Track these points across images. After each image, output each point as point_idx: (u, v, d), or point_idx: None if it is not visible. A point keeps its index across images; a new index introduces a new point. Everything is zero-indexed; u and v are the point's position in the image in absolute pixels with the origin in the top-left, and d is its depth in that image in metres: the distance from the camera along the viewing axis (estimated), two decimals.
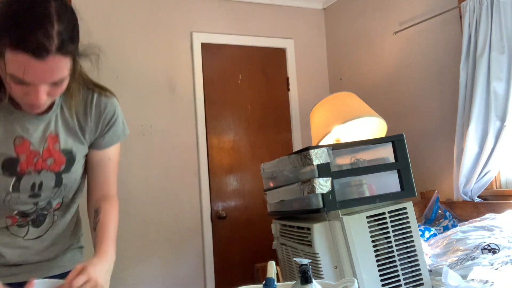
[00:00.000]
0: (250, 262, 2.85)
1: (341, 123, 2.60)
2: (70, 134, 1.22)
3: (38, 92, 1.00)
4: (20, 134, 1.14)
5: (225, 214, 3.35)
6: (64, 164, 1.21)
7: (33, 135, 1.16)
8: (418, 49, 2.99)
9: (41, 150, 1.17)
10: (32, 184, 1.18)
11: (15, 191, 1.17)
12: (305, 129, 3.63)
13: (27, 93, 1.01)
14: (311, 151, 1.33)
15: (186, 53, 3.34)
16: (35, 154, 1.16)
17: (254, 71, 3.57)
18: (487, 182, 2.50)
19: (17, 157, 1.14)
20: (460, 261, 1.63)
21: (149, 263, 3.09)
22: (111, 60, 3.12)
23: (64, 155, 1.21)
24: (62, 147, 1.20)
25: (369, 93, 3.31)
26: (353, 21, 3.56)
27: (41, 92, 1.00)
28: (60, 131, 1.20)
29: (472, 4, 2.49)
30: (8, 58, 0.94)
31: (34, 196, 1.20)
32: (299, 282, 0.97)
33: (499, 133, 2.39)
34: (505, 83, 2.38)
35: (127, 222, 3.03)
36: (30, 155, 1.16)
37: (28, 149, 1.15)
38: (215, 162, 3.37)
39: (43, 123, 1.17)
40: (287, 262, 1.59)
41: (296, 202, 1.47)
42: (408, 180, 1.41)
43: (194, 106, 3.32)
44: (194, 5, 3.39)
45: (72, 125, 1.22)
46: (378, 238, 1.34)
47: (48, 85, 1.01)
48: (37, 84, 0.99)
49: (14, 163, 1.14)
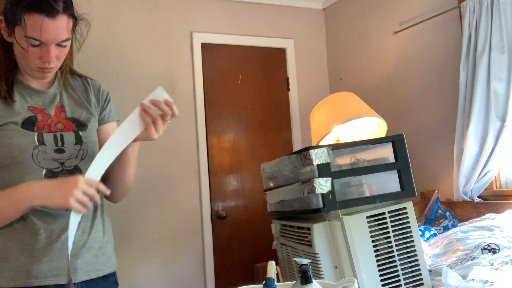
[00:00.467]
0: (250, 262, 2.85)
1: (341, 123, 2.60)
2: (77, 105, 1.40)
3: (50, 51, 1.22)
4: (31, 104, 1.32)
5: (225, 214, 3.35)
6: (75, 128, 1.36)
7: (42, 105, 1.33)
8: (418, 49, 2.99)
9: (52, 114, 1.34)
10: (54, 137, 1.30)
11: (40, 143, 1.27)
12: (305, 129, 3.62)
13: (41, 55, 1.23)
14: (311, 151, 1.33)
15: (186, 53, 3.34)
16: (48, 116, 1.33)
17: (254, 71, 3.57)
18: (487, 182, 2.50)
19: (34, 115, 1.30)
20: (460, 261, 1.63)
21: (149, 263, 3.09)
22: (111, 60, 3.13)
23: (72, 122, 1.36)
24: (68, 116, 1.36)
25: (369, 93, 3.31)
26: (353, 21, 3.56)
27: (52, 51, 1.23)
28: (65, 103, 1.38)
29: (472, 4, 2.49)
30: (26, 21, 1.17)
31: (59, 151, 1.30)
32: (299, 282, 0.97)
33: (499, 133, 2.38)
34: (505, 83, 2.38)
35: (127, 222, 3.03)
36: (45, 116, 1.32)
37: (42, 111, 1.33)
38: (215, 162, 3.37)
39: (49, 96, 1.36)
40: (287, 262, 1.59)
41: (296, 202, 1.47)
42: (408, 180, 1.41)
43: (194, 106, 3.32)
44: (194, 5, 3.39)
45: (77, 98, 1.41)
46: (378, 238, 1.34)
47: (56, 46, 1.23)
48: (49, 44, 1.21)
49: (33, 121, 1.29)
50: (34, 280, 1.23)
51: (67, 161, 1.31)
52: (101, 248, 1.37)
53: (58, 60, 1.28)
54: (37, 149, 1.26)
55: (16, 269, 1.23)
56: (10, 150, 1.24)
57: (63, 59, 1.30)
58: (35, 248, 1.25)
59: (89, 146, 1.36)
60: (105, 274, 1.37)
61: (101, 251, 1.37)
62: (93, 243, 1.35)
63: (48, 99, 1.35)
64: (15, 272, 1.22)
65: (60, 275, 1.26)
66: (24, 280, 1.22)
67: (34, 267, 1.23)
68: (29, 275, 1.23)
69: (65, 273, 1.25)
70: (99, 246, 1.37)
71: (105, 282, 1.36)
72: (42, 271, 1.24)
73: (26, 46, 1.21)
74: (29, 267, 1.23)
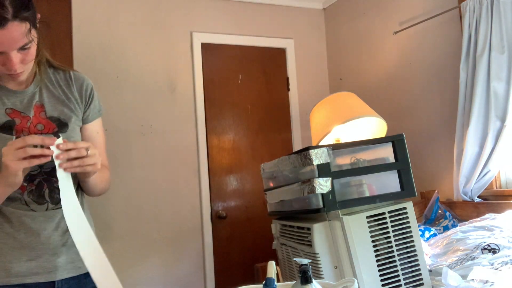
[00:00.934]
0: (250, 262, 2.85)
1: (341, 123, 2.60)
2: (58, 103, 1.35)
3: (11, 59, 1.15)
4: (8, 106, 1.28)
5: (225, 214, 3.35)
6: (56, 128, 1.32)
7: (19, 106, 1.29)
8: (418, 49, 2.99)
9: (31, 116, 1.29)
10: None
11: None
12: (305, 129, 3.63)
13: (4, 63, 1.16)
14: (311, 151, 1.33)
15: (186, 53, 3.34)
16: (27, 119, 1.29)
17: (254, 71, 3.57)
18: (487, 182, 2.50)
19: (12, 119, 1.27)
20: (460, 261, 1.63)
21: (149, 263, 3.09)
22: (111, 60, 3.13)
23: (52, 122, 1.32)
24: (48, 115, 1.32)
25: (369, 93, 3.31)
26: (353, 21, 3.56)
27: (14, 58, 1.15)
28: (45, 102, 1.33)
29: (472, 4, 2.49)
30: None
31: None
32: (299, 282, 0.97)
33: (499, 133, 2.38)
34: (505, 83, 2.38)
35: (127, 222, 3.03)
36: (23, 119, 1.28)
37: (20, 115, 1.28)
38: (215, 162, 3.37)
39: (27, 95, 1.31)
40: (287, 262, 1.59)
41: (296, 202, 1.47)
42: (408, 180, 1.41)
43: (194, 106, 3.32)
44: (194, 5, 3.39)
45: (58, 94, 1.35)
46: (378, 238, 1.34)
47: (18, 51, 1.15)
48: (7, 52, 1.13)
49: (11, 125, 1.26)
50: (14, 279, 1.25)
51: (46, 164, 1.28)
52: None
53: (24, 63, 1.21)
54: None
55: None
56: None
57: (31, 60, 1.23)
58: (14, 247, 1.26)
59: None
60: (87, 272, 1.38)
61: None
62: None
63: (26, 99, 1.30)
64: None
65: (39, 273, 1.28)
66: (3, 279, 1.24)
67: (13, 265, 1.25)
68: (9, 273, 1.25)
69: (44, 271, 1.28)
70: None
71: (87, 279, 1.36)
72: (21, 269, 1.26)
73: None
74: (8, 265, 1.25)
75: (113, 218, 2.97)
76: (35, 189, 1.28)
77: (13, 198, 1.26)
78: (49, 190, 1.30)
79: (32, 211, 1.28)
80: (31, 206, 1.28)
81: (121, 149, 3.02)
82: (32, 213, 1.28)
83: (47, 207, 1.30)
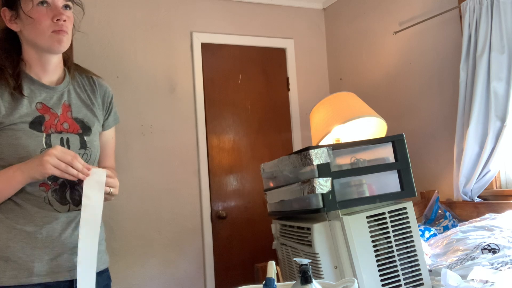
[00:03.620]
0: (250, 262, 2.85)
1: (341, 123, 2.60)
2: (84, 106, 1.41)
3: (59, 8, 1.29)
4: (39, 100, 1.33)
5: (225, 214, 3.35)
6: (80, 129, 1.37)
7: (50, 102, 1.34)
8: (418, 49, 2.99)
9: (59, 113, 1.35)
10: (61, 140, 1.32)
11: (48, 146, 1.28)
12: (305, 129, 3.63)
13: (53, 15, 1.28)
14: (311, 151, 1.33)
15: (186, 53, 3.34)
16: (55, 116, 1.34)
17: (254, 71, 3.57)
18: (487, 182, 2.50)
19: (42, 115, 1.31)
20: (460, 261, 1.63)
21: (149, 263, 3.09)
22: (111, 60, 3.13)
23: (76, 123, 1.37)
24: (74, 116, 1.37)
25: (369, 93, 3.31)
26: (353, 21, 3.56)
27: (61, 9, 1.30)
28: (72, 102, 1.39)
29: (472, 4, 2.49)
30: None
31: None
32: (299, 282, 0.97)
33: (499, 133, 2.38)
34: (505, 83, 2.38)
35: (127, 222, 3.03)
36: (51, 115, 1.33)
37: (49, 111, 1.33)
38: (215, 162, 3.37)
39: (57, 93, 1.36)
40: (287, 262, 1.59)
41: (296, 202, 1.47)
42: (408, 180, 1.41)
43: (194, 106, 3.32)
44: (194, 5, 3.39)
45: (84, 98, 1.42)
46: (378, 238, 1.34)
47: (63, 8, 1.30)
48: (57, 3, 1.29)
49: (41, 121, 1.30)
50: (35, 278, 1.26)
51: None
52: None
53: (69, 23, 1.32)
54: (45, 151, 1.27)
55: (18, 268, 1.25)
56: (17, 151, 1.25)
57: (71, 25, 1.35)
58: (36, 246, 1.27)
59: (92, 151, 1.39)
60: (100, 270, 1.40)
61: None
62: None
63: (56, 96, 1.36)
64: (17, 271, 1.25)
65: (60, 272, 1.30)
66: (26, 278, 1.25)
67: (35, 265, 1.26)
68: (31, 273, 1.25)
69: (64, 270, 1.30)
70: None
71: (99, 277, 1.38)
72: (43, 269, 1.27)
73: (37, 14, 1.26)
74: (30, 265, 1.26)
75: (113, 218, 2.97)
76: (58, 188, 1.31)
77: (38, 197, 1.28)
78: (71, 191, 1.33)
79: (56, 212, 1.30)
80: (54, 206, 1.30)
81: (121, 149, 3.01)
82: (56, 214, 1.30)
83: (69, 208, 1.33)
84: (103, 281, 1.42)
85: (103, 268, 1.43)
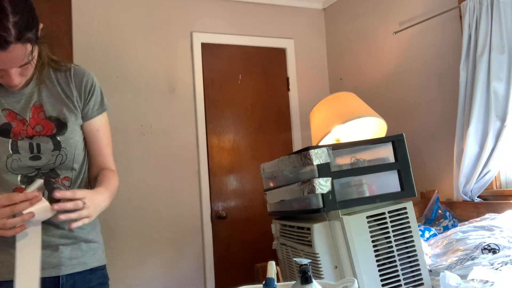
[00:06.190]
0: (250, 262, 2.85)
1: (341, 123, 2.60)
2: (58, 102, 1.32)
3: (10, 75, 1.15)
4: (5, 107, 1.26)
5: (225, 214, 3.35)
6: (54, 128, 1.30)
7: (17, 107, 1.27)
8: (418, 49, 2.99)
9: (28, 118, 1.28)
10: (29, 145, 1.26)
11: (14, 152, 1.24)
12: (305, 129, 3.63)
13: (2, 76, 1.16)
14: (311, 151, 1.33)
15: (186, 53, 3.34)
16: (23, 122, 1.27)
17: (254, 71, 3.57)
18: (487, 182, 2.50)
19: (8, 122, 1.25)
20: (460, 261, 1.63)
21: (149, 263, 3.09)
22: (111, 60, 3.13)
23: (51, 122, 1.30)
24: (47, 115, 1.30)
25: (369, 93, 3.31)
26: (353, 21, 3.56)
27: (13, 75, 1.16)
28: (44, 101, 1.31)
29: (472, 4, 2.49)
30: None
31: (35, 158, 1.26)
32: (299, 282, 0.97)
33: (499, 133, 2.38)
34: (505, 83, 2.38)
35: (127, 222, 3.03)
36: (19, 123, 1.27)
37: (16, 118, 1.27)
38: (215, 162, 3.37)
39: (24, 96, 1.29)
40: (287, 262, 1.59)
41: (296, 202, 1.47)
42: (408, 180, 1.41)
43: (194, 106, 3.32)
44: (194, 5, 3.39)
45: (56, 93, 1.33)
46: (378, 238, 1.34)
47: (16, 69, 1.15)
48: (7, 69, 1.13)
49: (8, 128, 1.25)
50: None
51: (44, 166, 1.28)
52: (89, 242, 1.39)
53: (23, 76, 1.20)
54: (11, 158, 1.23)
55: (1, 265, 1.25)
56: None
57: (30, 73, 1.22)
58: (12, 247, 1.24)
59: (68, 150, 1.31)
60: (92, 268, 1.38)
61: (88, 245, 1.38)
62: (79, 237, 1.36)
63: (23, 100, 1.28)
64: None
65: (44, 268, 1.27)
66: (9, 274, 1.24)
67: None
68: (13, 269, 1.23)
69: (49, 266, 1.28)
70: (86, 241, 1.38)
71: (92, 275, 1.37)
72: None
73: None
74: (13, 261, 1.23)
75: (113, 218, 2.97)
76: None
77: None
78: (48, 191, 1.29)
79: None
80: None
81: (121, 149, 3.02)
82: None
83: None
84: (97, 278, 1.40)
85: (96, 265, 1.40)
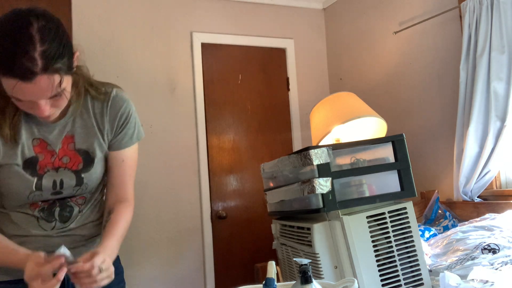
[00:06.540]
0: (250, 262, 2.85)
1: (341, 123, 2.60)
2: (89, 135, 1.27)
3: (39, 106, 1.06)
4: (37, 136, 1.21)
5: (225, 214, 3.35)
6: (81, 163, 1.26)
7: (49, 137, 1.22)
8: (418, 49, 2.99)
9: (57, 149, 1.23)
10: (53, 182, 1.23)
11: (38, 189, 1.22)
12: (305, 129, 3.63)
13: (32, 107, 1.07)
14: (311, 151, 1.33)
15: (186, 53, 3.34)
16: (52, 153, 1.23)
17: (254, 71, 3.57)
18: (487, 182, 2.49)
19: (36, 155, 1.21)
20: (460, 261, 1.63)
21: (149, 263, 3.09)
22: (111, 60, 3.13)
23: (79, 155, 1.26)
24: (77, 147, 1.26)
25: (369, 93, 3.31)
26: (353, 21, 3.56)
27: (43, 106, 1.06)
28: (76, 132, 1.25)
29: (472, 4, 2.49)
30: (3, 82, 1.01)
31: (56, 193, 1.25)
32: (299, 282, 0.97)
33: (499, 133, 2.38)
34: (505, 83, 2.38)
35: None
36: (47, 154, 1.22)
37: (45, 148, 1.22)
38: (215, 162, 3.37)
39: (58, 126, 1.23)
40: (287, 262, 1.59)
41: (296, 202, 1.47)
42: (408, 180, 1.41)
43: (194, 106, 3.32)
44: (194, 5, 3.39)
45: (90, 125, 1.27)
46: (378, 238, 1.34)
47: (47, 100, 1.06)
48: (35, 101, 1.04)
49: (34, 162, 1.21)
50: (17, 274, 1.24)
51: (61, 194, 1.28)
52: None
53: (56, 107, 1.11)
54: (33, 194, 1.22)
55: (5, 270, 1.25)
56: (8, 187, 1.22)
57: (63, 104, 1.12)
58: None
59: (89, 185, 1.30)
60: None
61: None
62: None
63: (57, 130, 1.23)
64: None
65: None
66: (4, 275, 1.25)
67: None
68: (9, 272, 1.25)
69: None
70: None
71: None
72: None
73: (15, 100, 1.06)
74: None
75: None
76: (47, 207, 1.27)
77: (27, 214, 1.26)
78: (60, 208, 1.29)
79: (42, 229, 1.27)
80: (40, 223, 1.27)
81: None
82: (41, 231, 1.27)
83: (54, 225, 1.28)
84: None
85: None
